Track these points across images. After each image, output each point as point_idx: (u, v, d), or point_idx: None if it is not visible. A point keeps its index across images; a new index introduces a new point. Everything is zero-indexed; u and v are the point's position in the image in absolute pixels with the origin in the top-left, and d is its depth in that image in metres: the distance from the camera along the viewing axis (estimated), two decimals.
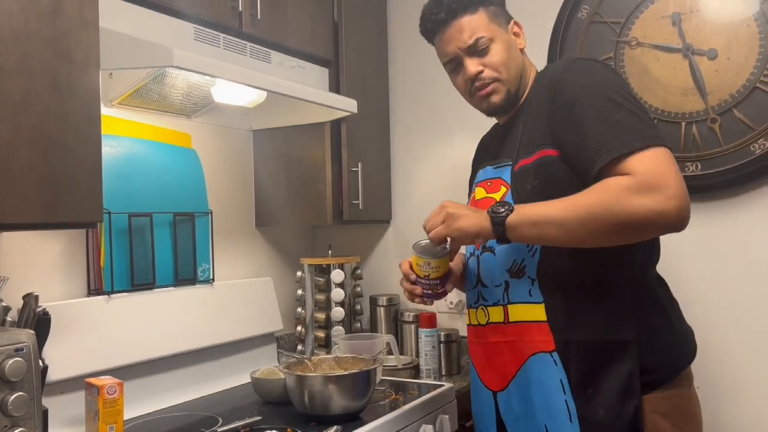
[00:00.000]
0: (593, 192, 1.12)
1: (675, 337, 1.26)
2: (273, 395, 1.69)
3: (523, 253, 1.27)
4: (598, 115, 1.16)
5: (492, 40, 1.36)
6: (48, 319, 1.37)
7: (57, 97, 1.21)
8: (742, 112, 1.81)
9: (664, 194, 1.07)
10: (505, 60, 1.36)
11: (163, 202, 1.82)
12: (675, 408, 1.22)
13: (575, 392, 1.20)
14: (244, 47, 1.73)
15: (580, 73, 1.24)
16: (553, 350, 1.22)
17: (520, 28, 1.43)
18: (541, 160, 1.24)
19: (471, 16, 1.36)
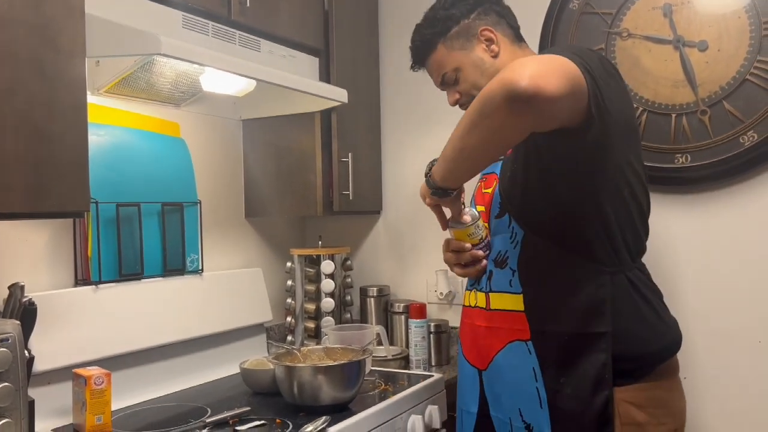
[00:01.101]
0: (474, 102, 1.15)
1: (654, 329, 1.26)
2: (262, 386, 1.69)
3: (506, 245, 1.31)
4: None
5: (457, 69, 1.42)
6: (34, 309, 1.36)
7: (43, 85, 1.19)
8: (732, 104, 1.81)
9: (512, 71, 1.04)
10: (474, 81, 1.41)
11: (152, 191, 1.80)
12: (651, 399, 1.22)
13: (547, 381, 1.24)
14: (233, 35, 1.72)
15: None
16: (528, 339, 1.26)
17: (492, 32, 1.41)
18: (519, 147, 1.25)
19: (433, 55, 1.44)
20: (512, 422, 1.30)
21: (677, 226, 1.92)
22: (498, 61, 1.41)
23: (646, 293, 1.27)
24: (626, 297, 1.24)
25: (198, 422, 1.44)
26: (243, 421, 1.44)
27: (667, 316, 1.31)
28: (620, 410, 1.20)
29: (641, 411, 1.21)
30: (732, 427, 1.84)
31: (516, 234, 1.28)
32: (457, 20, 1.42)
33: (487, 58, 1.41)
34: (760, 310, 1.81)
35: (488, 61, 1.41)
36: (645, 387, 1.22)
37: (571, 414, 1.21)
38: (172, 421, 1.47)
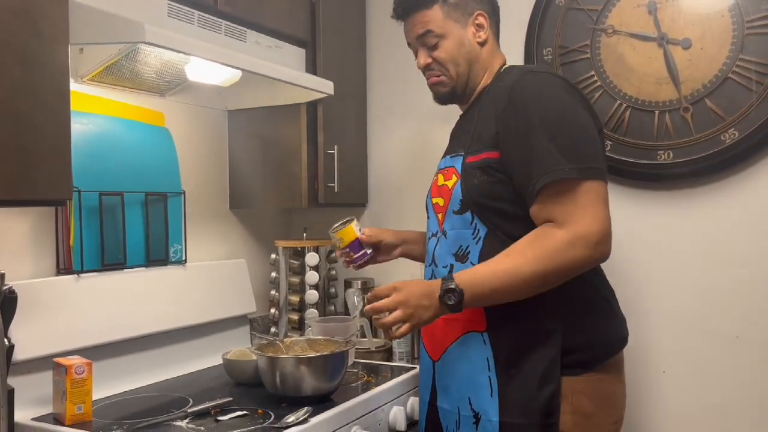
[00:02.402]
0: (530, 251, 1.22)
1: (607, 324, 1.34)
2: (244, 377, 1.69)
3: (468, 240, 1.35)
4: (540, 138, 1.24)
5: (443, 36, 1.42)
6: (14, 297, 1.35)
7: (24, 71, 1.18)
8: (714, 102, 1.84)
9: (591, 243, 1.21)
10: (453, 57, 1.43)
11: (135, 181, 1.79)
12: (600, 391, 1.30)
13: (499, 370, 1.29)
14: (219, 25, 1.71)
15: (528, 90, 1.30)
16: (483, 331, 1.32)
17: (485, 19, 1.44)
18: (485, 162, 1.32)
19: (425, 11, 1.43)
20: (460, 411, 1.35)
21: (658, 221, 1.94)
22: (480, 51, 1.44)
23: (601, 289, 1.35)
24: (581, 295, 1.30)
25: (179, 412, 1.43)
26: (224, 412, 1.44)
27: (619, 313, 1.39)
28: (573, 400, 1.26)
29: (591, 402, 1.28)
30: (710, 420, 1.87)
31: (479, 231, 1.33)
32: None
33: (473, 41, 1.44)
34: (738, 306, 1.84)
35: (473, 46, 1.44)
36: (595, 379, 1.29)
37: (518, 404, 1.27)
38: (154, 411, 1.47)
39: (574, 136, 1.25)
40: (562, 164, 1.21)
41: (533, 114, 1.26)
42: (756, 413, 1.82)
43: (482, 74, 1.46)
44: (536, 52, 2.03)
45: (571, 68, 2.01)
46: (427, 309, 1.26)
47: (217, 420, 1.40)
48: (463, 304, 1.24)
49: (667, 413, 1.93)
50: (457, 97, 1.49)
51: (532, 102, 1.27)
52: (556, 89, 1.30)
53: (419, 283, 1.30)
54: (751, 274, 1.82)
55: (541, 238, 1.23)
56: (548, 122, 1.24)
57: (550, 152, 1.22)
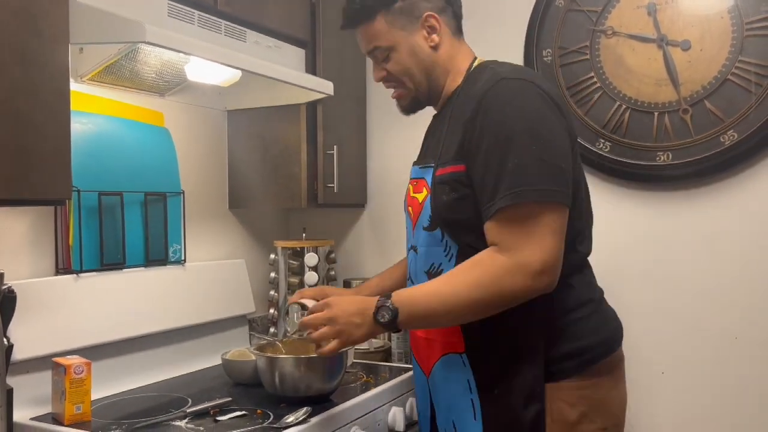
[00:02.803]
0: (470, 276, 1.16)
1: (589, 332, 1.24)
2: (243, 377, 1.69)
3: (440, 258, 1.29)
4: (500, 158, 1.16)
5: (391, 48, 1.32)
6: (14, 297, 1.35)
7: (24, 71, 1.18)
8: (713, 104, 1.84)
9: (532, 273, 1.13)
10: (407, 68, 1.33)
11: (135, 181, 1.79)
12: (585, 398, 1.21)
13: (481, 392, 1.23)
14: (219, 25, 1.71)
15: (498, 101, 1.19)
16: (462, 352, 1.25)
17: (437, 20, 1.32)
18: (453, 176, 1.24)
19: (368, 24, 1.33)
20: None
21: (657, 223, 1.94)
22: (436, 55, 1.33)
23: (582, 295, 1.26)
24: (562, 305, 1.22)
25: (178, 412, 1.43)
26: (224, 412, 1.44)
27: (604, 316, 1.30)
28: (553, 407, 1.19)
29: (573, 409, 1.20)
30: (709, 421, 1.87)
31: (451, 248, 1.26)
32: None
33: (425, 47, 1.32)
34: (737, 307, 1.84)
35: (426, 52, 1.32)
36: (580, 385, 1.21)
37: (503, 425, 1.21)
38: (153, 411, 1.47)
39: (540, 155, 1.15)
40: (519, 186, 1.14)
41: (499, 129, 1.17)
42: (756, 414, 1.82)
43: (445, 77, 1.35)
44: (536, 53, 2.03)
45: (571, 69, 2.01)
46: (358, 326, 1.21)
47: (216, 420, 1.40)
48: (397, 322, 1.18)
49: (666, 414, 1.93)
50: (422, 105, 1.41)
51: (500, 116, 1.18)
52: (528, 100, 1.19)
53: (354, 300, 1.26)
54: (751, 275, 1.83)
55: (482, 263, 1.17)
56: (513, 139, 1.16)
57: (510, 173, 1.14)
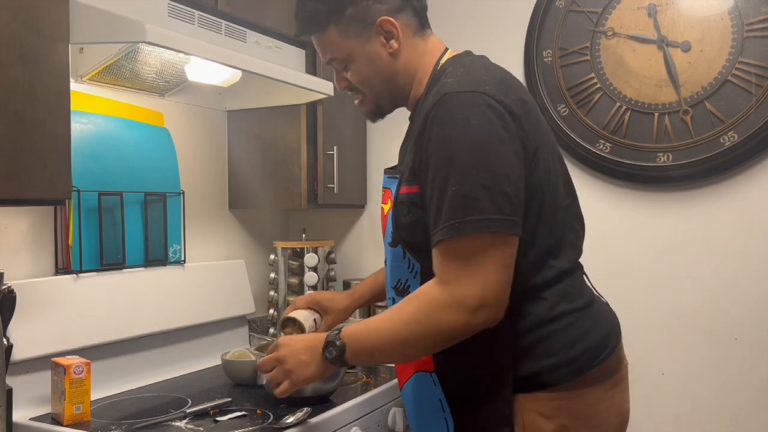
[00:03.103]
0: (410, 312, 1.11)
1: (565, 345, 1.15)
2: (243, 377, 1.69)
3: (406, 274, 1.23)
4: (439, 185, 1.09)
5: (347, 58, 1.25)
6: (13, 297, 1.35)
7: (25, 70, 1.18)
8: (714, 105, 1.84)
9: (469, 309, 1.06)
10: (365, 78, 1.26)
11: (134, 181, 1.79)
12: (562, 410, 1.13)
13: (454, 412, 1.19)
14: (219, 25, 1.71)
15: (440, 121, 1.10)
16: (432, 371, 1.21)
17: (393, 25, 1.21)
18: (411, 197, 1.17)
19: (320, 35, 1.25)
20: None
21: (657, 223, 1.94)
22: (396, 62, 1.24)
23: (555, 308, 1.16)
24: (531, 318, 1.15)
25: (178, 413, 1.43)
26: (223, 412, 1.44)
27: (587, 326, 1.18)
28: (525, 419, 1.13)
29: (549, 421, 1.13)
30: (708, 422, 1.87)
31: (414, 266, 1.21)
32: (354, 5, 1.21)
33: (384, 54, 1.23)
34: (737, 308, 1.84)
35: (384, 59, 1.23)
36: (557, 396, 1.13)
37: None
38: (153, 412, 1.47)
39: (482, 181, 1.06)
40: (456, 218, 1.06)
41: (441, 153, 1.09)
42: (755, 414, 1.82)
43: (410, 82, 1.26)
44: (536, 53, 2.03)
45: (571, 70, 2.01)
46: (307, 365, 1.18)
47: (216, 420, 1.40)
48: (344, 359, 1.14)
49: (666, 415, 1.93)
50: (386, 112, 1.33)
51: (442, 139, 1.09)
52: (470, 119, 1.08)
53: (304, 338, 1.23)
54: (750, 276, 1.83)
55: (420, 298, 1.11)
56: (454, 165, 1.08)
57: (450, 202, 1.07)
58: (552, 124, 2.01)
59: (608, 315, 1.26)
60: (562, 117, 2.01)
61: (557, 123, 2.01)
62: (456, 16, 2.18)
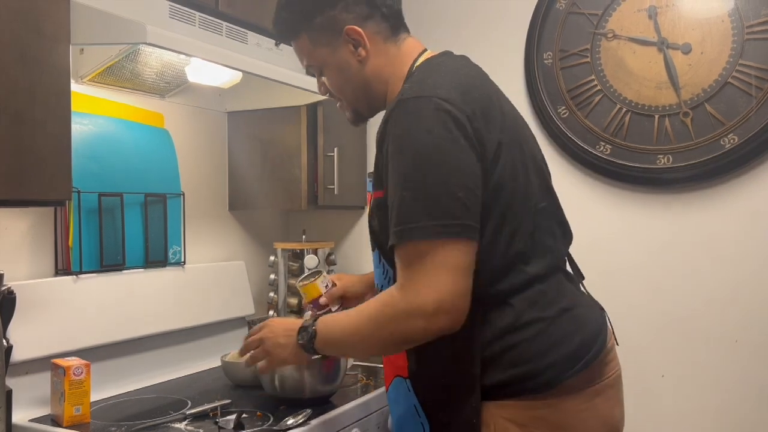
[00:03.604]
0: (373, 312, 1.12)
1: (536, 354, 1.11)
2: (243, 379, 1.68)
3: (381, 279, 1.25)
4: (393, 190, 1.09)
5: (321, 66, 1.27)
6: (13, 298, 1.35)
7: (25, 71, 1.18)
8: (714, 107, 1.84)
9: (425, 314, 1.05)
10: (339, 84, 1.28)
11: (135, 182, 1.79)
12: (538, 419, 1.11)
13: (429, 418, 1.18)
14: (220, 27, 1.71)
15: (397, 127, 1.11)
16: (407, 377, 1.21)
17: (359, 33, 1.21)
18: (377, 201, 1.18)
19: (295, 42, 1.28)
20: None
21: (657, 226, 1.94)
22: (366, 69, 1.24)
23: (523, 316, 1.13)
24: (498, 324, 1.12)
25: (178, 414, 1.43)
26: (224, 414, 1.43)
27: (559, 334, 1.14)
28: (497, 427, 1.10)
29: (523, 430, 1.10)
30: (709, 424, 1.87)
31: (387, 271, 1.22)
32: (321, 9, 1.22)
33: (353, 62, 1.24)
34: (736, 310, 1.84)
35: (354, 67, 1.24)
36: (531, 405, 1.10)
37: None
38: (152, 413, 1.46)
39: (433, 187, 1.06)
40: (406, 223, 1.06)
41: (395, 158, 1.10)
42: (756, 417, 1.82)
43: (384, 88, 1.26)
44: (536, 55, 2.04)
45: (571, 72, 2.01)
46: (283, 347, 1.22)
47: (217, 422, 1.39)
48: (313, 345, 1.17)
49: (666, 417, 1.93)
50: (367, 117, 1.35)
51: (396, 144, 1.10)
52: (423, 124, 1.08)
53: (287, 321, 1.26)
54: (751, 278, 1.83)
55: (383, 301, 1.12)
56: (406, 170, 1.08)
57: (400, 207, 1.07)
58: (552, 126, 2.01)
59: (590, 322, 1.20)
60: (562, 119, 2.02)
61: (557, 125, 2.01)
62: (456, 18, 2.18)
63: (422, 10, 2.16)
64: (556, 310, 1.15)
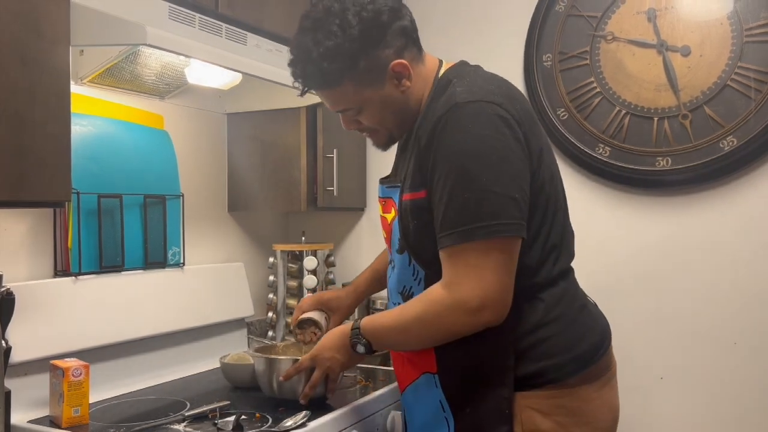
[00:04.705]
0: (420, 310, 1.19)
1: (563, 349, 1.19)
2: (242, 380, 1.68)
3: (409, 281, 1.28)
4: (450, 191, 1.13)
5: (361, 108, 1.26)
6: (12, 299, 1.35)
7: (25, 72, 1.18)
8: (713, 109, 1.84)
9: (470, 310, 1.13)
10: (380, 119, 1.28)
11: (134, 183, 1.79)
12: (559, 407, 1.18)
13: (454, 411, 1.22)
14: (220, 28, 1.71)
15: (449, 131, 1.15)
16: (435, 372, 1.25)
17: (403, 65, 1.22)
18: (416, 203, 1.21)
19: (336, 89, 1.24)
20: None
21: (656, 228, 1.94)
22: (408, 97, 1.26)
23: (553, 311, 1.21)
24: (530, 319, 1.19)
25: (177, 416, 1.43)
26: (223, 415, 1.43)
27: (581, 330, 1.24)
28: (523, 417, 1.17)
29: (546, 419, 1.17)
30: (707, 426, 1.87)
31: (418, 272, 1.25)
32: (365, 51, 1.20)
33: (397, 95, 1.25)
34: (735, 312, 1.84)
35: (398, 98, 1.26)
36: (554, 394, 1.18)
37: None
38: (151, 415, 1.46)
39: (490, 187, 1.11)
40: (465, 224, 1.11)
41: (450, 160, 1.14)
42: (755, 419, 1.82)
43: (418, 107, 1.28)
44: (536, 58, 2.04)
45: (571, 74, 2.01)
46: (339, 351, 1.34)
47: (216, 423, 1.39)
48: (372, 350, 1.29)
49: (665, 419, 1.93)
50: (398, 137, 1.35)
51: (451, 146, 1.14)
52: (479, 127, 1.13)
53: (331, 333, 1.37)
54: (749, 281, 1.83)
55: (426, 299, 1.18)
56: (463, 171, 1.12)
57: (458, 208, 1.12)
58: (551, 128, 2.01)
59: (599, 316, 1.33)
60: (561, 121, 2.02)
61: (557, 127, 2.01)
62: (455, 20, 2.19)
63: (422, 13, 2.16)
64: (578, 306, 1.26)
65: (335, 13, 1.19)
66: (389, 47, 1.22)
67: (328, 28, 1.18)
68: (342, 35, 1.18)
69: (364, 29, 1.19)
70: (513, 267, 1.15)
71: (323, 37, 1.19)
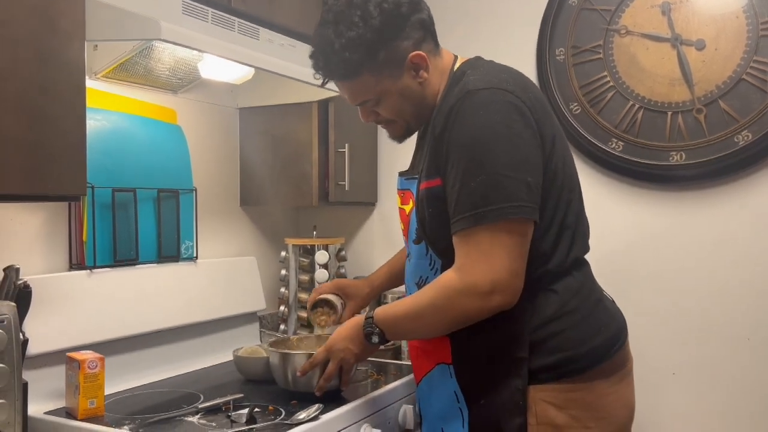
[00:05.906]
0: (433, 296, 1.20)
1: (577, 342, 1.20)
2: (255, 373, 1.69)
3: (426, 271, 1.29)
4: (462, 177, 1.15)
5: (379, 99, 1.28)
6: (29, 292, 1.36)
7: (41, 67, 1.19)
8: (728, 104, 1.83)
9: (482, 294, 1.14)
10: (397, 110, 1.30)
11: (148, 177, 1.80)
12: (574, 401, 1.18)
13: (468, 401, 1.24)
14: (233, 23, 1.71)
15: (465, 116, 1.16)
16: (450, 363, 1.26)
17: (422, 57, 1.25)
18: (432, 192, 1.23)
19: (355, 80, 1.26)
20: None
21: (670, 222, 1.93)
22: (426, 88, 1.28)
23: (568, 303, 1.21)
24: (544, 312, 1.20)
25: (191, 408, 1.44)
26: (236, 408, 1.44)
27: (597, 324, 1.24)
28: (537, 409, 1.18)
29: (561, 412, 1.18)
30: (720, 422, 1.87)
31: (434, 262, 1.27)
32: (385, 42, 1.22)
33: (415, 86, 1.27)
34: (750, 308, 1.83)
35: (417, 90, 1.28)
36: (568, 388, 1.18)
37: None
38: (165, 407, 1.48)
39: (504, 171, 1.12)
40: (477, 207, 1.12)
41: (463, 145, 1.15)
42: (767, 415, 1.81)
43: (434, 98, 1.30)
44: (549, 52, 2.03)
45: (584, 68, 2.00)
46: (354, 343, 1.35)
47: (229, 416, 1.40)
48: (386, 340, 1.30)
49: (677, 415, 1.92)
50: (415, 129, 1.38)
51: (465, 132, 1.15)
52: (493, 112, 1.15)
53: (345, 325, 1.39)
54: (763, 276, 1.82)
55: (438, 285, 1.19)
56: (476, 156, 1.14)
57: (471, 192, 1.13)
58: (564, 122, 2.00)
59: (616, 311, 1.32)
60: (574, 115, 2.01)
61: (569, 121, 2.00)
62: (469, 15, 2.18)
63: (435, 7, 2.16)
64: (594, 300, 1.26)
65: (357, 5, 1.22)
66: (408, 39, 1.24)
67: (350, 19, 1.21)
68: (363, 26, 1.20)
69: (384, 20, 1.21)
70: (525, 250, 1.15)
71: (345, 29, 1.21)
